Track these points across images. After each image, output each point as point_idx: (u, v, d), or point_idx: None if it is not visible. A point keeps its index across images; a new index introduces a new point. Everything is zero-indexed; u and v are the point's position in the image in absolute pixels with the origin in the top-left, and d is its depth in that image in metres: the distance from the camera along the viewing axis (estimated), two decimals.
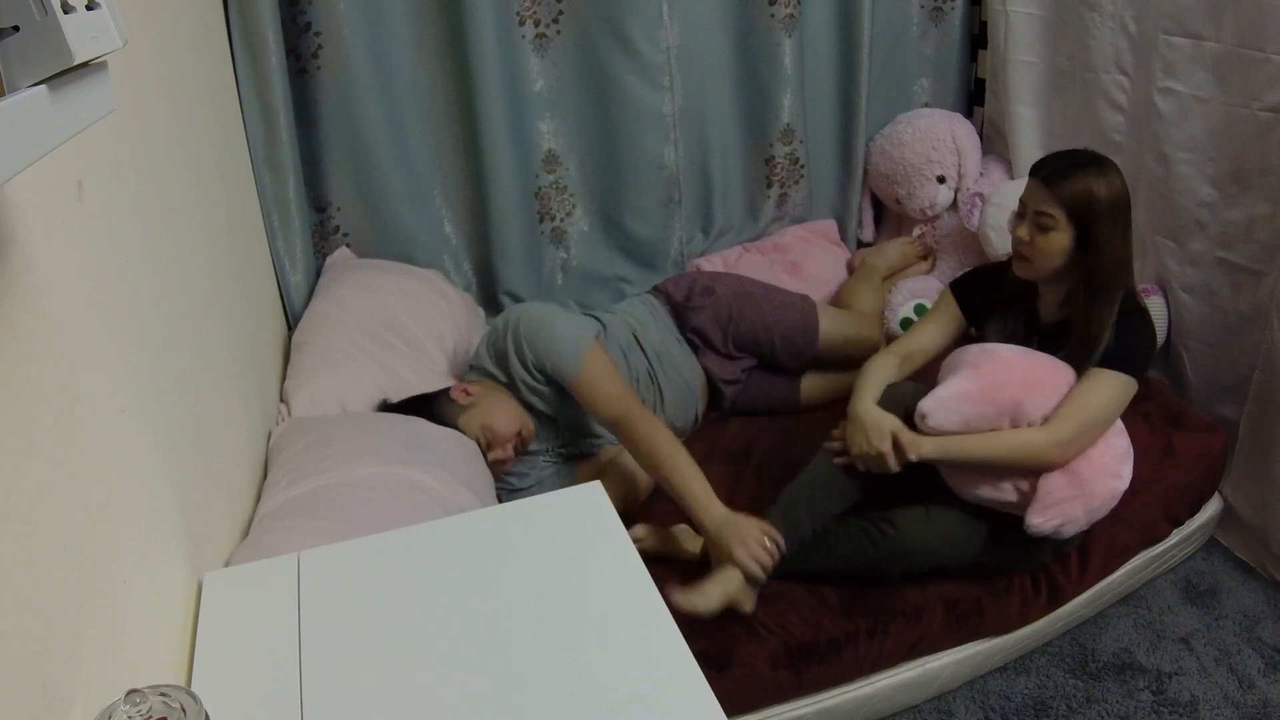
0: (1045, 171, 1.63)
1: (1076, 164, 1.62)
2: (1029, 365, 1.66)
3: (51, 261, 0.82)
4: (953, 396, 1.65)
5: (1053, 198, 1.60)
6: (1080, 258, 1.62)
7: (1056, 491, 1.62)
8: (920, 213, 2.58)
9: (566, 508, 1.18)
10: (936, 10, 2.64)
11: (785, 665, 1.61)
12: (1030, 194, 1.65)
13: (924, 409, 1.65)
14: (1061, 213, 1.60)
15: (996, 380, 1.64)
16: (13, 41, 0.55)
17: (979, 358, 1.68)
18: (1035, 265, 1.66)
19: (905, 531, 1.68)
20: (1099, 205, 1.58)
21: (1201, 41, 1.97)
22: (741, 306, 2.12)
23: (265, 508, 1.36)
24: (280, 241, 2.10)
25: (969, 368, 1.67)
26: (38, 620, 0.69)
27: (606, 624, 0.98)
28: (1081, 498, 1.62)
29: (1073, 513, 1.62)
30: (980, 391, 1.63)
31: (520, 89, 2.27)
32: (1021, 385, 1.63)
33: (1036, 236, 1.63)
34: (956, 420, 1.64)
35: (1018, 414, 1.63)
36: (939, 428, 1.64)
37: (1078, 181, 1.59)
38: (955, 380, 1.66)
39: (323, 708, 0.89)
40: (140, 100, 1.20)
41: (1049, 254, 1.63)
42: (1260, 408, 1.99)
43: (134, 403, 0.98)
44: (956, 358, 1.72)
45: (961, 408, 1.64)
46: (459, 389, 1.82)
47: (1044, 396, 1.63)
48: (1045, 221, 1.61)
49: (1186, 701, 1.76)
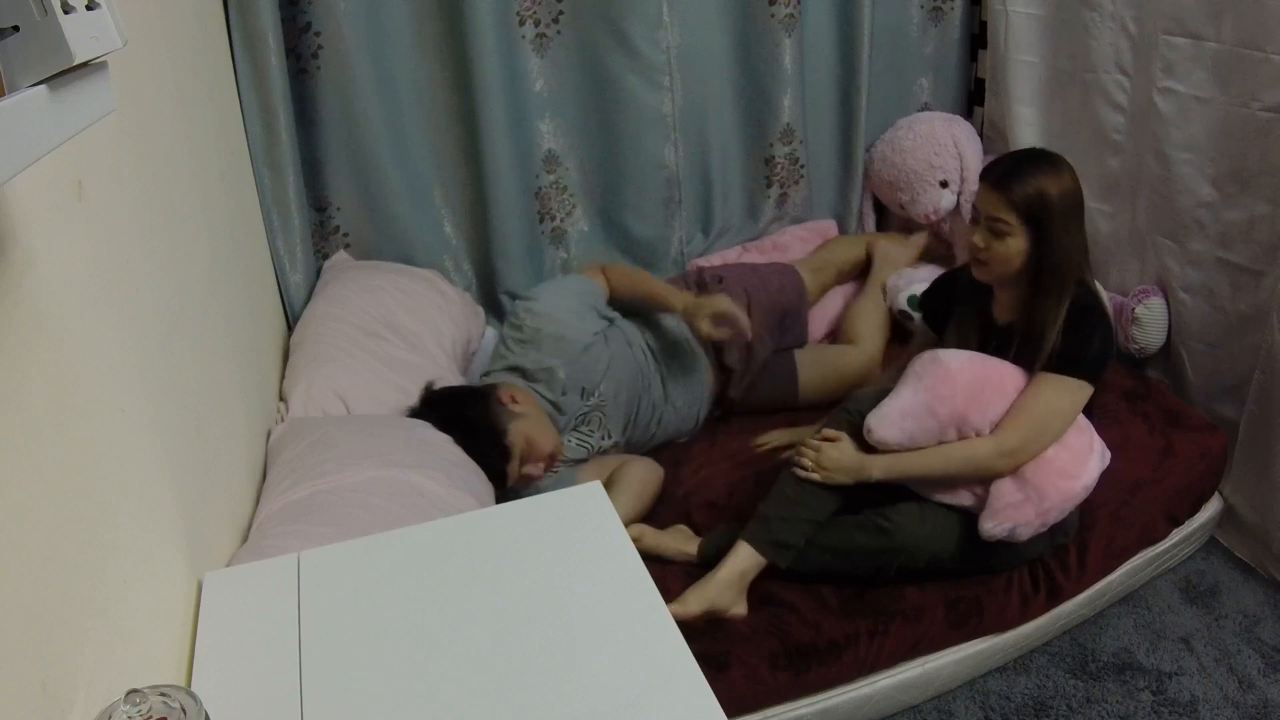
0: (995, 176, 1.62)
1: (1026, 165, 1.61)
2: (976, 375, 1.65)
3: (51, 261, 0.82)
4: (895, 411, 1.65)
5: (1005, 203, 1.59)
6: (1035, 260, 1.61)
7: (1005, 496, 1.62)
8: (924, 217, 2.57)
9: (566, 508, 1.18)
10: (936, 10, 2.64)
11: (785, 666, 1.61)
12: (983, 199, 1.63)
13: (869, 423, 1.66)
14: (1015, 217, 1.59)
15: (939, 394, 1.63)
16: (13, 41, 0.55)
17: (926, 369, 1.67)
18: (992, 269, 1.65)
19: (899, 527, 1.67)
20: (1052, 206, 1.58)
21: (1201, 41, 1.97)
22: (752, 284, 2.23)
23: (265, 511, 1.36)
24: (280, 241, 2.10)
25: (914, 378, 1.67)
26: (37, 620, 0.69)
27: (606, 624, 0.98)
28: (1031, 501, 1.62)
29: (1024, 516, 1.62)
30: (923, 405, 1.63)
31: (520, 89, 2.27)
32: (966, 397, 1.63)
33: (993, 243, 1.62)
34: (899, 434, 1.64)
35: (963, 425, 1.63)
36: (883, 441, 1.65)
37: (1029, 184, 1.58)
38: (900, 394, 1.67)
39: (323, 708, 0.89)
40: (140, 100, 1.20)
41: (1006, 259, 1.62)
42: (1260, 408, 1.99)
43: (134, 402, 0.98)
44: (909, 367, 1.72)
45: (903, 422, 1.64)
46: (506, 393, 1.82)
47: (992, 405, 1.63)
48: (999, 227, 1.60)
49: (1186, 701, 1.76)
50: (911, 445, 1.65)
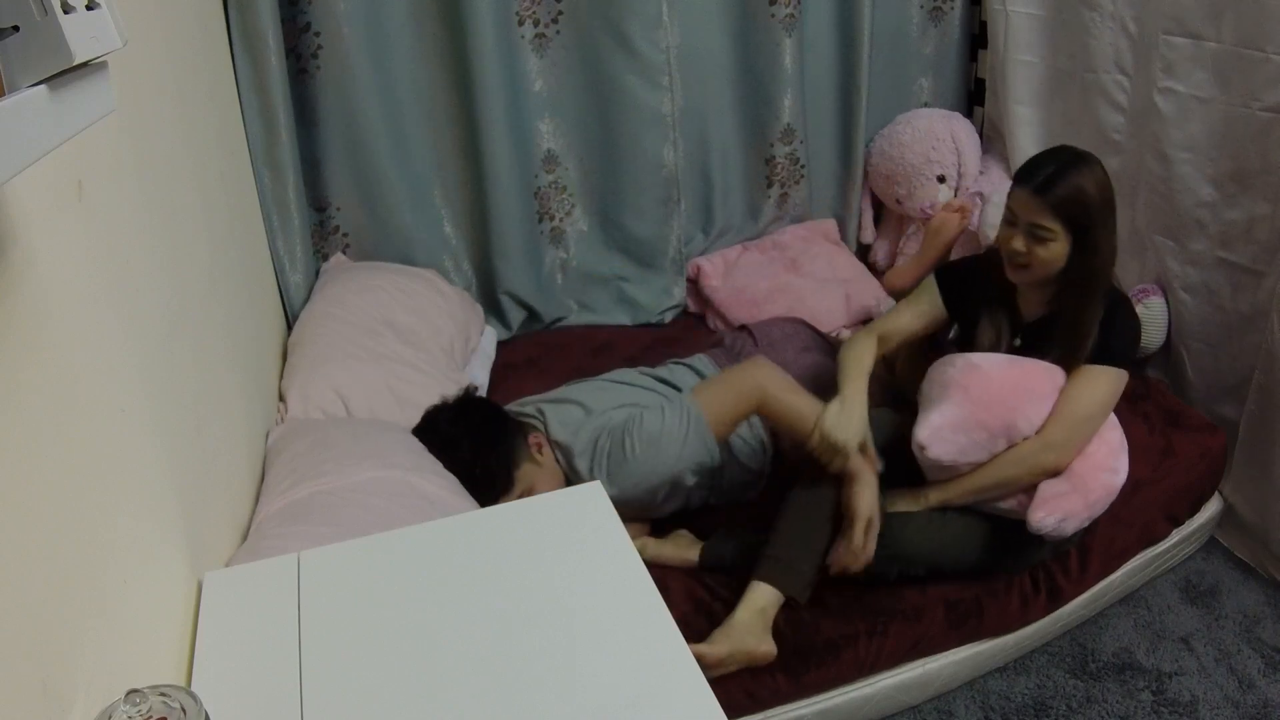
0: (1036, 182, 1.59)
1: (1064, 168, 1.59)
2: (1016, 379, 1.64)
3: (52, 261, 0.82)
4: (947, 425, 1.62)
5: (1047, 209, 1.57)
6: (1076, 260, 1.61)
7: (1053, 486, 1.62)
8: (920, 212, 2.58)
9: (566, 508, 1.18)
10: (936, 10, 2.64)
11: (784, 667, 1.60)
12: (1022, 205, 1.61)
13: (921, 440, 1.63)
14: (1058, 224, 1.58)
15: (986, 402, 1.62)
16: (13, 41, 0.55)
17: (967, 376, 1.65)
18: (1033, 272, 1.64)
19: (903, 537, 1.66)
20: (1092, 208, 1.57)
21: (1201, 41, 1.97)
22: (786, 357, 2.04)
23: (265, 511, 1.36)
24: (280, 241, 2.10)
25: (958, 389, 1.64)
26: (38, 620, 0.69)
27: (606, 624, 0.98)
28: (1078, 492, 1.62)
29: (1072, 507, 1.62)
30: (972, 417, 1.62)
31: (520, 89, 2.27)
32: (1011, 405, 1.62)
33: (1035, 248, 1.61)
34: (953, 450, 1.63)
35: (1012, 433, 1.62)
36: (938, 459, 1.63)
37: (1070, 188, 1.56)
38: (946, 405, 1.64)
39: (323, 708, 0.89)
40: (140, 100, 1.20)
41: (1049, 263, 1.62)
42: (1260, 408, 1.99)
43: (134, 402, 0.98)
44: (941, 374, 1.69)
45: (956, 437, 1.62)
46: (536, 440, 1.77)
47: (1035, 409, 1.62)
48: (1042, 234, 1.59)
49: (1186, 701, 1.76)
50: (963, 459, 1.63)
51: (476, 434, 1.68)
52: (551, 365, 2.29)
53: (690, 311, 2.62)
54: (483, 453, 1.65)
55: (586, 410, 1.83)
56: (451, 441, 1.65)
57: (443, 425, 1.70)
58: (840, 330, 2.45)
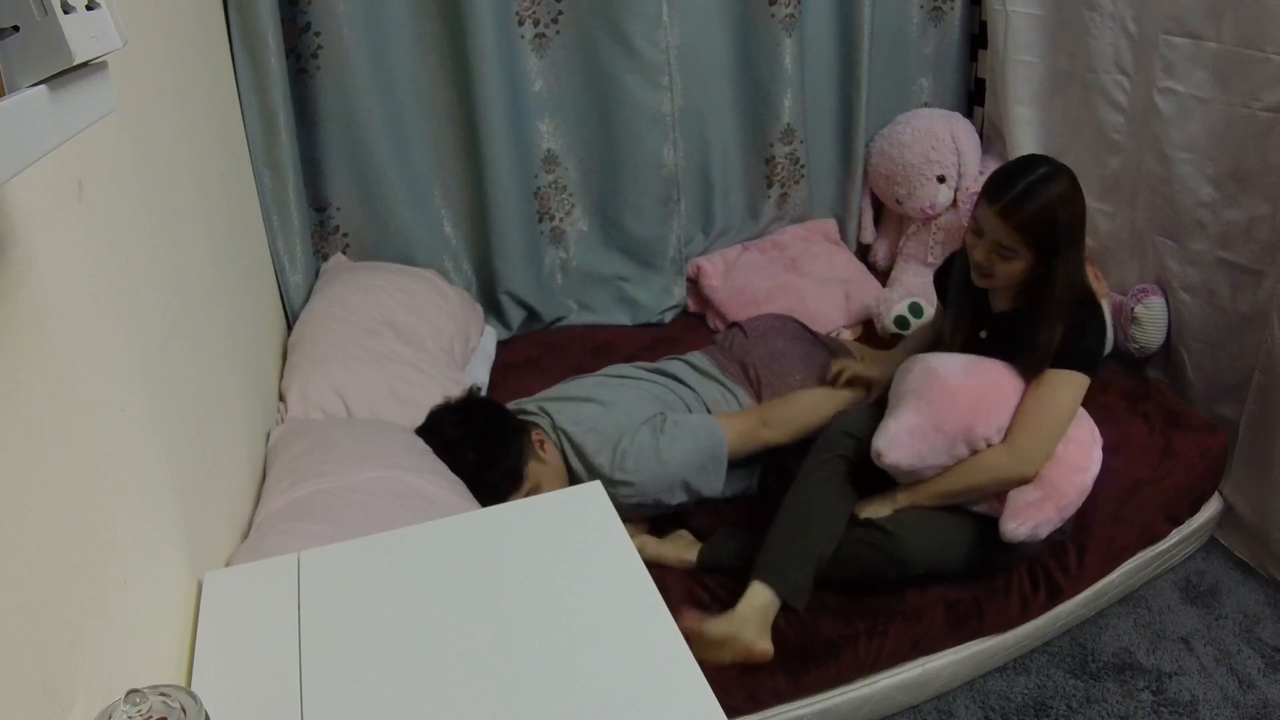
0: (1000, 201, 1.57)
1: (1031, 188, 1.56)
2: (975, 383, 1.64)
3: (52, 261, 0.82)
4: (904, 432, 1.63)
5: (1012, 230, 1.57)
6: (1041, 274, 1.61)
7: (1025, 495, 1.62)
8: (920, 212, 2.58)
9: (566, 508, 1.18)
10: (936, 10, 2.64)
11: (784, 667, 1.61)
12: (987, 222, 1.60)
13: (878, 447, 1.63)
14: (1021, 243, 1.58)
15: (942, 409, 1.62)
16: (13, 41, 0.55)
17: (924, 384, 1.65)
18: (996, 282, 1.66)
19: (901, 539, 1.66)
20: (1058, 230, 1.56)
21: (1201, 41, 1.97)
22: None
23: (265, 510, 1.36)
24: (280, 241, 2.10)
25: (914, 396, 1.65)
26: (38, 620, 0.69)
27: (606, 624, 0.98)
28: (1050, 498, 1.62)
29: (1045, 514, 1.62)
30: (929, 424, 1.62)
31: (520, 89, 2.28)
32: (969, 409, 1.62)
33: (997, 263, 1.61)
34: (910, 455, 1.63)
35: (971, 438, 1.62)
36: (895, 465, 1.63)
37: (1036, 208, 1.55)
38: (903, 413, 1.65)
39: (323, 708, 0.89)
40: (140, 100, 1.20)
41: (1011, 275, 1.63)
42: (1260, 408, 1.99)
43: (134, 402, 0.98)
44: (902, 380, 1.70)
45: (913, 444, 1.62)
46: (539, 436, 1.78)
47: (995, 413, 1.62)
48: (1006, 252, 1.59)
49: (1186, 701, 1.76)
50: (922, 465, 1.63)
51: (482, 435, 1.68)
52: (551, 365, 2.29)
53: (690, 311, 2.62)
54: (489, 454, 1.66)
55: (603, 405, 1.84)
56: (457, 443, 1.65)
57: (448, 427, 1.70)
58: (840, 330, 2.45)
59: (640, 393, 1.89)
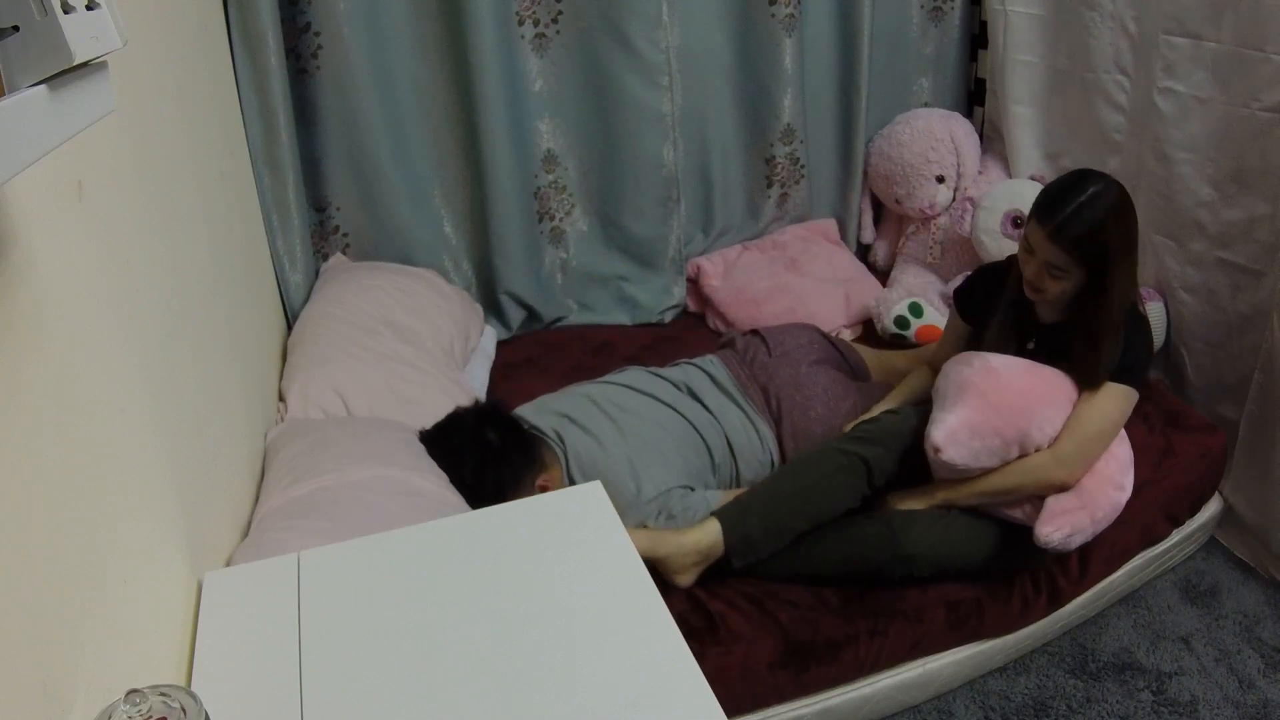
0: (1053, 224, 1.55)
1: (1082, 207, 1.54)
2: (1033, 387, 1.64)
3: (51, 261, 0.82)
4: (964, 429, 1.61)
5: (1063, 251, 1.56)
6: (1092, 289, 1.60)
7: (1062, 501, 1.62)
8: (919, 212, 2.58)
9: (566, 508, 1.18)
10: (936, 10, 2.64)
11: (785, 666, 1.61)
12: (1038, 243, 1.59)
13: (937, 442, 1.61)
14: (1072, 264, 1.57)
15: (1003, 409, 1.61)
16: (13, 41, 0.55)
17: (985, 380, 1.64)
18: (1047, 298, 1.65)
19: (909, 538, 1.66)
20: (1110, 250, 1.55)
21: (1201, 41, 1.97)
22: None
23: (265, 508, 1.36)
24: (280, 241, 2.10)
25: (975, 393, 1.63)
26: (38, 620, 0.69)
27: (606, 624, 0.98)
28: (1086, 508, 1.62)
29: (1080, 523, 1.62)
30: (988, 424, 1.61)
31: (520, 89, 2.28)
32: (1028, 414, 1.61)
33: (1049, 283, 1.61)
34: (967, 454, 1.62)
35: (1026, 442, 1.62)
36: (952, 462, 1.62)
37: (1086, 229, 1.54)
38: (962, 408, 1.63)
39: (323, 708, 0.89)
40: (140, 100, 1.20)
41: (1062, 293, 1.63)
42: (1260, 408, 1.99)
43: (134, 402, 0.98)
44: (958, 373, 1.69)
45: (971, 441, 1.61)
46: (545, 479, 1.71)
47: (1050, 419, 1.62)
48: (1056, 271, 1.59)
49: (1186, 701, 1.76)
50: (975, 464, 1.63)
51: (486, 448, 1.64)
52: (551, 365, 2.29)
53: (690, 311, 2.62)
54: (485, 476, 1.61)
55: (602, 447, 1.77)
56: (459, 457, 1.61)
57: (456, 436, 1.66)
58: (840, 330, 2.45)
59: (661, 435, 1.81)
